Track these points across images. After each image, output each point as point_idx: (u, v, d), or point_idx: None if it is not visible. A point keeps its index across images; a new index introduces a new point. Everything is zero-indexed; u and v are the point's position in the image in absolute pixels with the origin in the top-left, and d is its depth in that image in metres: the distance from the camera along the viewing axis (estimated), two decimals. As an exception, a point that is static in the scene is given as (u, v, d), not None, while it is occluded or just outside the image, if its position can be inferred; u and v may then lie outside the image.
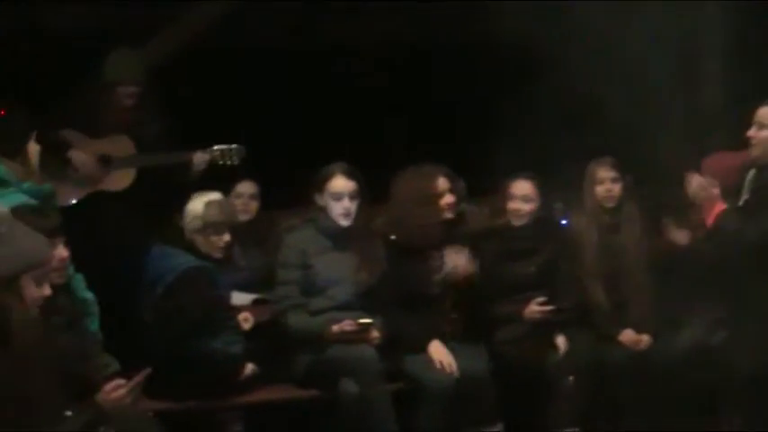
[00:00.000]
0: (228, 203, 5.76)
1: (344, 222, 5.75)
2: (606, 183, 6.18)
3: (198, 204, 5.63)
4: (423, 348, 5.73)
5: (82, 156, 6.25)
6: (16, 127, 4.64)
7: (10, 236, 3.44)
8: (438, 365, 5.63)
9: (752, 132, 5.48)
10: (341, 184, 5.75)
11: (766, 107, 5.51)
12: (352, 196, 5.74)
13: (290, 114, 7.01)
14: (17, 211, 3.81)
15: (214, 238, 5.61)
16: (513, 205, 6.07)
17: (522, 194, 6.06)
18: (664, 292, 6.08)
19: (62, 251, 4.22)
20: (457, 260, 5.88)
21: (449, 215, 5.91)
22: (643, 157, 6.10)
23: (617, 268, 6.16)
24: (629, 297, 6.15)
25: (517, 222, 6.08)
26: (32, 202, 4.29)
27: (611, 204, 6.19)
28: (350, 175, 5.77)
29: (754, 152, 5.51)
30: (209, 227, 5.59)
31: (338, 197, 5.74)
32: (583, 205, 6.23)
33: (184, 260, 5.47)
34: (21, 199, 4.30)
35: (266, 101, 7.06)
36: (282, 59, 7.15)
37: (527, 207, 6.06)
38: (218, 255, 5.63)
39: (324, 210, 5.79)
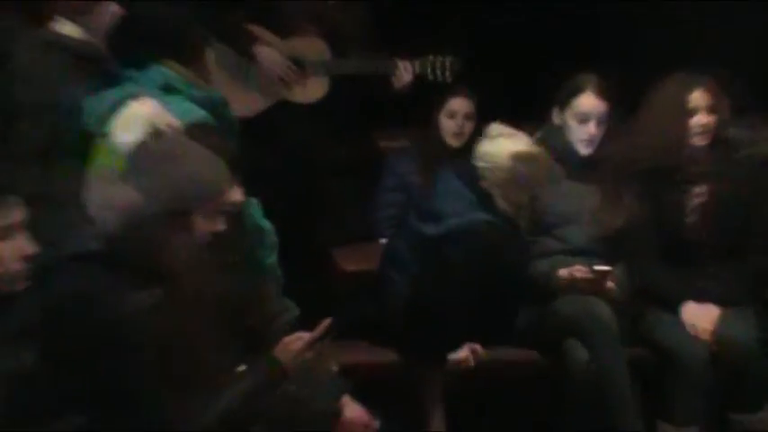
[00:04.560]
0: (544, 158, 4.92)
1: (585, 150, 5.06)
2: None
3: (502, 152, 4.82)
4: (675, 308, 4.91)
5: (271, 53, 5.56)
6: (192, 31, 4.17)
7: (181, 160, 3.16)
8: (691, 330, 4.83)
9: None
10: (590, 103, 5.04)
11: None
12: (600, 120, 5.04)
13: (509, 22, 6.26)
14: (191, 130, 3.51)
15: (513, 197, 4.87)
16: None
17: None
18: None
19: (237, 193, 3.69)
20: None
21: (700, 141, 4.95)
22: None
23: None
24: None
25: None
26: (208, 118, 3.84)
27: None
28: (602, 93, 5.05)
29: None
30: (513, 184, 4.85)
31: (584, 119, 5.04)
32: None
33: (476, 211, 4.82)
34: (188, 109, 3.85)
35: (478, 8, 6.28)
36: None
37: None
38: (512, 214, 4.89)
39: (559, 129, 5.09)
